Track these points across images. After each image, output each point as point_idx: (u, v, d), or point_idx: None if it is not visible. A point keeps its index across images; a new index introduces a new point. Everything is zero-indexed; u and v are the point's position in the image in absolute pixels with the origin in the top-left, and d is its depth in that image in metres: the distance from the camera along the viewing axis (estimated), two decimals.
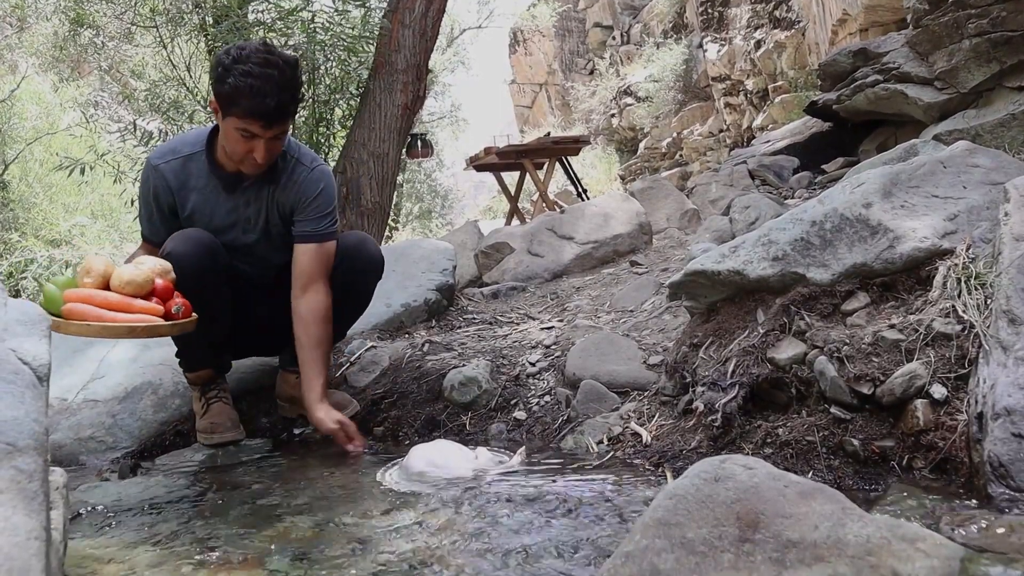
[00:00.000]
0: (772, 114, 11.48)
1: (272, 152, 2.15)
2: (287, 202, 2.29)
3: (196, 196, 2.26)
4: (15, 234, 9.07)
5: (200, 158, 2.24)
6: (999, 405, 1.35)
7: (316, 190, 2.29)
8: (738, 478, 1.05)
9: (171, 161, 2.25)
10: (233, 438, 2.38)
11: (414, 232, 16.06)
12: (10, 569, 0.93)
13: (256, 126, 2.05)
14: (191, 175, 2.25)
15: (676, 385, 2.07)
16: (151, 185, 2.26)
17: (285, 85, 2.05)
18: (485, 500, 1.64)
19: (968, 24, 4.45)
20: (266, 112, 2.03)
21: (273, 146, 2.14)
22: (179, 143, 2.30)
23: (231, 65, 2.02)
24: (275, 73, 2.03)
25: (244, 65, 2.01)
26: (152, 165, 2.27)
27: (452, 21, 18.53)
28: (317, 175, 2.31)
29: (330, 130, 5.78)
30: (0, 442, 1.08)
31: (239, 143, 2.10)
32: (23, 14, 11.14)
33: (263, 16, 5.74)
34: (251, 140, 2.09)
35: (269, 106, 2.02)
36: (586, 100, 20.55)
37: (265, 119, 2.04)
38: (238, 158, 2.15)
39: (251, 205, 2.29)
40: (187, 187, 2.25)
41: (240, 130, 2.07)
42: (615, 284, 3.39)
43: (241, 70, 2.00)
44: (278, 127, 2.09)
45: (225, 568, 1.35)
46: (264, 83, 2.00)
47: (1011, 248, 1.54)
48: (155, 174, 2.25)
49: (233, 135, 2.10)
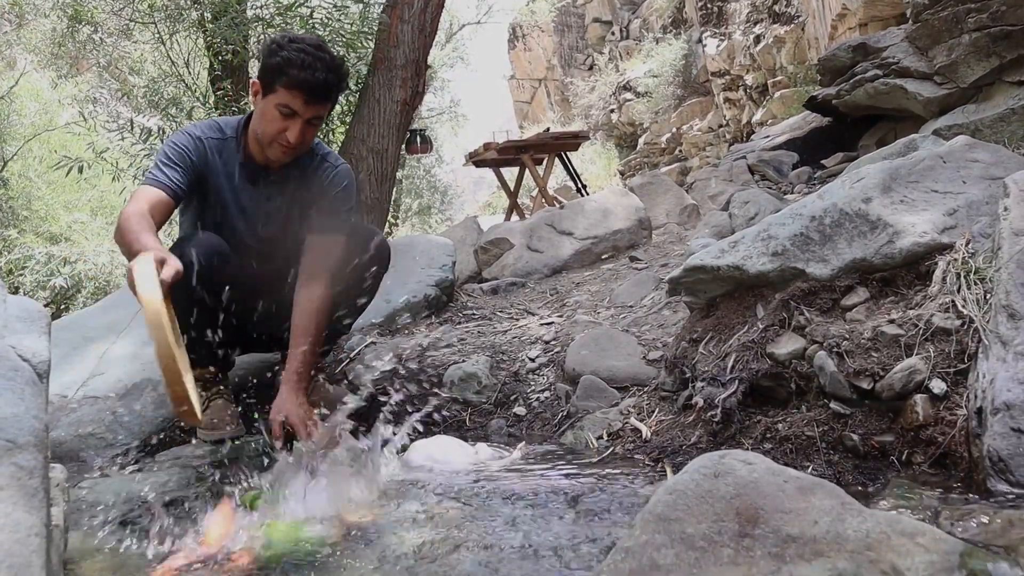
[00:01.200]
0: (771, 109, 11.47)
1: (305, 137, 2.17)
2: (309, 196, 2.30)
3: (223, 181, 2.28)
4: (14, 231, 9.07)
5: (232, 144, 2.27)
6: (998, 400, 1.36)
7: (340, 186, 2.33)
8: (738, 473, 1.05)
9: (213, 139, 2.27)
10: (233, 434, 2.38)
11: (413, 228, 16.05)
12: (11, 565, 0.94)
13: (299, 100, 2.08)
14: (223, 159, 2.27)
15: (676, 380, 2.07)
16: (187, 149, 2.23)
17: (333, 68, 2.11)
18: (485, 495, 1.65)
19: (968, 19, 4.45)
20: (314, 85, 2.07)
21: (307, 130, 2.16)
22: (222, 124, 2.32)
23: (285, 43, 2.09)
24: (326, 56, 2.10)
25: (298, 43, 2.09)
26: (196, 135, 2.26)
27: (451, 16, 18.48)
28: (343, 173, 2.35)
29: (329, 126, 5.77)
30: (0, 439, 1.08)
31: (275, 121, 2.12)
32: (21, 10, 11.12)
33: (262, 12, 5.73)
34: (288, 119, 2.11)
35: (318, 79, 2.07)
36: (585, 95, 20.52)
37: (310, 92, 2.08)
38: (269, 139, 2.16)
39: (272, 200, 2.30)
40: (216, 169, 2.27)
41: (281, 106, 2.10)
42: (614, 280, 3.39)
43: (295, 47, 2.07)
44: (319, 107, 2.13)
45: (226, 561, 1.35)
46: (315, 60, 2.07)
47: (1010, 243, 1.54)
48: (198, 144, 2.25)
49: (271, 113, 2.12)
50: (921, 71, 4.83)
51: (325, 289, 2.29)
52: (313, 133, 2.21)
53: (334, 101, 2.23)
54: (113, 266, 8.98)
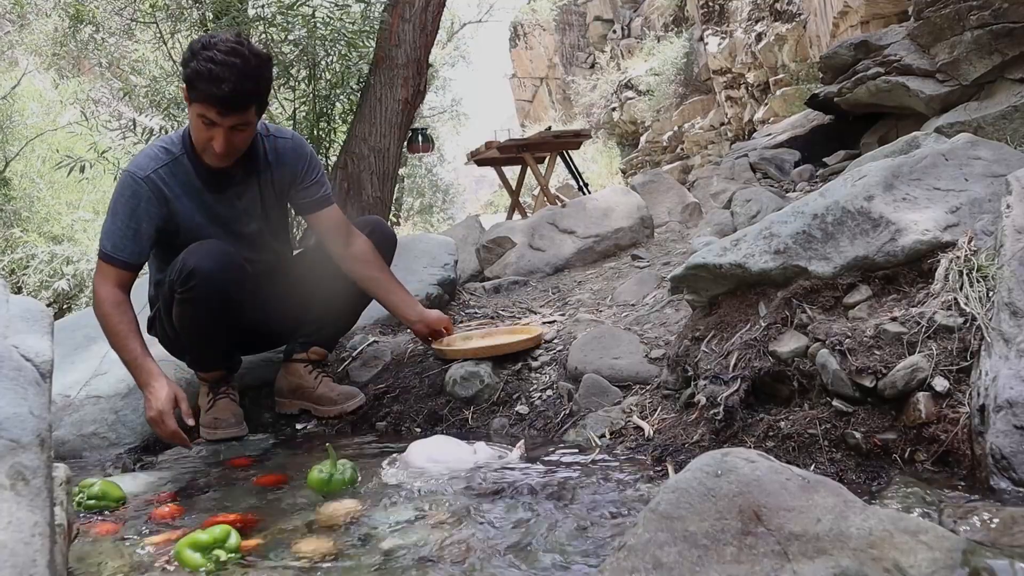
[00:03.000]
0: (773, 107, 11.45)
1: (232, 144, 2.11)
2: (282, 178, 2.29)
3: (188, 202, 2.21)
4: (17, 230, 9.08)
5: (183, 161, 2.20)
6: (1001, 397, 1.35)
7: (306, 156, 2.33)
8: (740, 471, 1.05)
9: (159, 169, 2.18)
10: (236, 434, 2.39)
11: (415, 227, 16.06)
12: (14, 564, 0.94)
13: (212, 112, 2.03)
14: (178, 180, 2.20)
15: (678, 379, 2.07)
16: (139, 199, 2.15)
17: (247, 74, 2.02)
18: (485, 495, 1.65)
19: (970, 16, 4.43)
20: (220, 98, 2.00)
21: (233, 136, 2.10)
22: (157, 150, 2.22)
23: (198, 50, 2.02)
24: (238, 62, 2.00)
25: (209, 51, 2.00)
26: (140, 177, 2.16)
27: (452, 15, 18.50)
28: (298, 142, 2.35)
29: (331, 125, 5.77)
30: (4, 438, 1.08)
31: (200, 130, 2.09)
32: (23, 11, 11.13)
33: (263, 11, 5.73)
34: (211, 128, 2.07)
35: (224, 92, 1.99)
36: (587, 94, 20.51)
37: (220, 105, 2.02)
38: (200, 147, 2.14)
39: (243, 197, 2.28)
40: (177, 194, 2.20)
41: (200, 116, 2.06)
42: (617, 278, 3.39)
43: (205, 56, 2.00)
44: (235, 116, 2.06)
45: (227, 561, 1.36)
46: (224, 70, 1.98)
47: (1013, 240, 1.54)
48: (145, 186, 2.16)
49: (195, 122, 2.10)
50: (923, 69, 4.82)
51: (366, 240, 2.39)
52: (244, 136, 2.14)
53: (259, 103, 2.14)
54: None
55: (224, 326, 2.28)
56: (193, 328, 2.24)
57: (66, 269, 8.55)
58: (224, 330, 2.30)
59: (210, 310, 2.18)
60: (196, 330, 2.25)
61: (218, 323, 2.25)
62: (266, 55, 2.13)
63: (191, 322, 2.22)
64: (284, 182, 2.30)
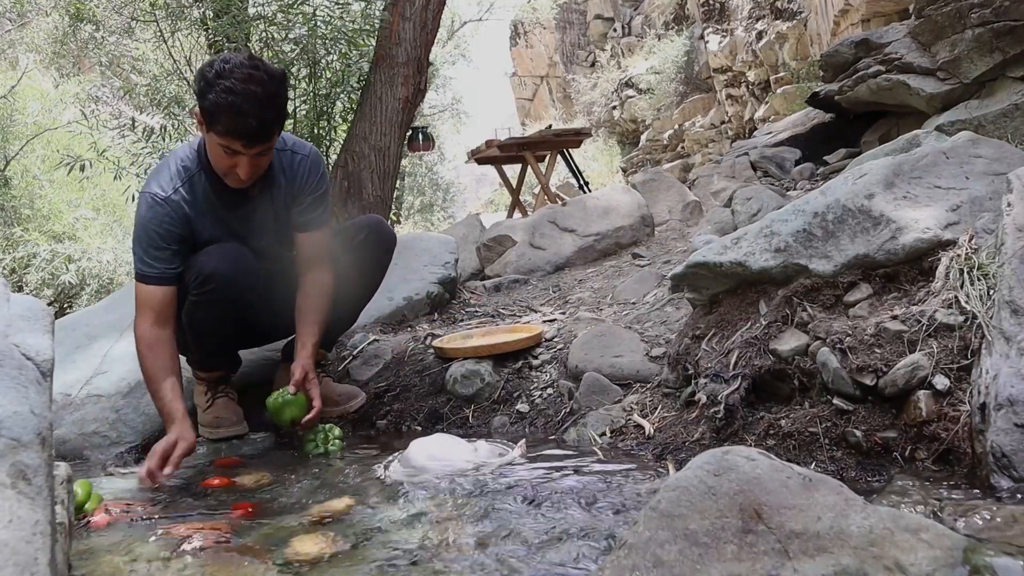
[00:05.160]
0: (774, 105, 11.45)
1: (257, 167, 2.07)
2: (292, 191, 2.28)
3: (206, 218, 2.18)
4: (18, 229, 9.08)
5: (200, 177, 2.16)
6: (1002, 395, 1.35)
7: (318, 176, 2.29)
8: (741, 469, 1.05)
9: (179, 188, 2.14)
10: (238, 432, 2.39)
11: (416, 226, 16.06)
12: (16, 563, 0.94)
13: (238, 144, 1.97)
14: (197, 198, 2.16)
15: (679, 377, 2.07)
16: (163, 221, 2.11)
17: (268, 102, 1.96)
18: (485, 493, 1.65)
19: (971, 14, 4.43)
20: (247, 132, 1.95)
21: (257, 162, 2.06)
22: (174, 167, 2.17)
23: (213, 80, 1.92)
24: (258, 90, 1.93)
25: (226, 81, 1.91)
26: (160, 198, 2.12)
27: (453, 14, 18.46)
28: (315, 160, 2.30)
29: (331, 124, 5.77)
30: (4, 437, 1.09)
31: (222, 158, 2.03)
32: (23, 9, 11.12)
33: (264, 10, 5.73)
34: (234, 156, 2.01)
35: (251, 126, 1.94)
36: (587, 92, 20.50)
37: (246, 139, 1.96)
38: (222, 172, 2.09)
39: (259, 211, 2.26)
40: (197, 212, 2.16)
41: (222, 146, 1.99)
42: (617, 276, 3.39)
43: (223, 86, 1.91)
44: (261, 145, 2.01)
45: (227, 560, 1.36)
46: (245, 101, 1.91)
47: (1014, 238, 1.53)
48: (168, 207, 2.11)
49: (216, 150, 2.03)
50: (924, 67, 4.81)
51: (328, 275, 2.33)
52: (266, 160, 2.10)
53: (280, 128, 2.09)
54: (117, 263, 8.99)
55: (234, 328, 2.29)
56: (205, 329, 2.24)
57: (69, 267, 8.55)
58: (233, 332, 2.32)
59: (224, 313, 2.19)
60: (207, 331, 2.25)
61: (230, 326, 2.27)
62: (280, 72, 2.04)
63: (203, 324, 2.22)
64: (293, 195, 2.29)
